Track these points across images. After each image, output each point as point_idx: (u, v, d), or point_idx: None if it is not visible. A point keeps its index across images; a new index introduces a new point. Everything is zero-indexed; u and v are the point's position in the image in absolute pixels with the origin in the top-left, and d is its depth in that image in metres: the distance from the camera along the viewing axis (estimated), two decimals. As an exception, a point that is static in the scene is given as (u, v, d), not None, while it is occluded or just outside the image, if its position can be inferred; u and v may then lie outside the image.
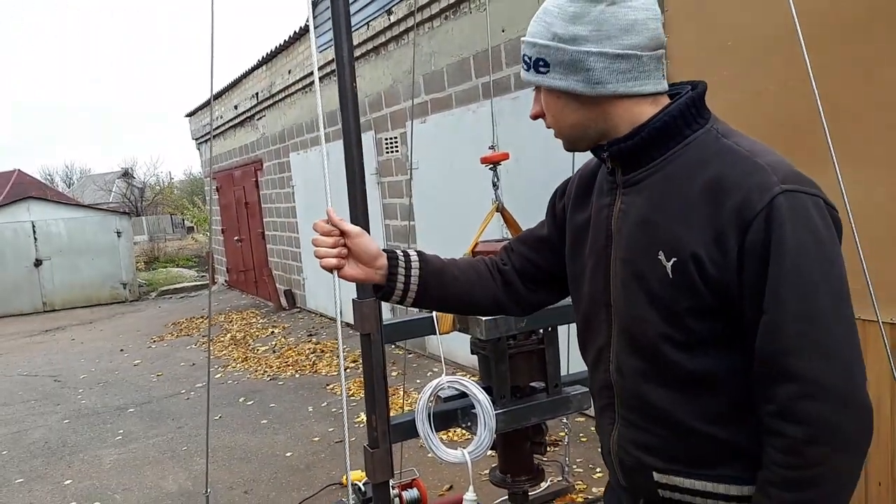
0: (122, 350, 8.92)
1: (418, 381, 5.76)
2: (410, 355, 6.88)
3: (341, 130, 2.05)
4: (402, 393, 5.17)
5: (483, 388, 2.17)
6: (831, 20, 2.53)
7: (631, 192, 1.17)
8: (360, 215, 2.01)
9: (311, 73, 8.44)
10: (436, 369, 6.14)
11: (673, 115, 1.12)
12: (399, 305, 1.43)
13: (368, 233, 1.39)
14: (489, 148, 2.37)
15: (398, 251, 1.40)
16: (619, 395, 1.22)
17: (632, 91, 1.13)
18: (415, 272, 1.37)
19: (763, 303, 1.01)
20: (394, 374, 6.01)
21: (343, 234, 1.30)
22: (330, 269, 1.31)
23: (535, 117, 1.25)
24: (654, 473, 1.18)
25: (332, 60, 1.99)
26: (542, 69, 1.16)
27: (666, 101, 1.15)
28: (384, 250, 1.37)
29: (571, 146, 1.23)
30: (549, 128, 1.24)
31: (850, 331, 1.02)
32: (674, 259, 1.08)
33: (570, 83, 1.14)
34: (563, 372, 2.27)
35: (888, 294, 2.41)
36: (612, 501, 1.40)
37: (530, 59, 1.17)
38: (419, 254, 1.41)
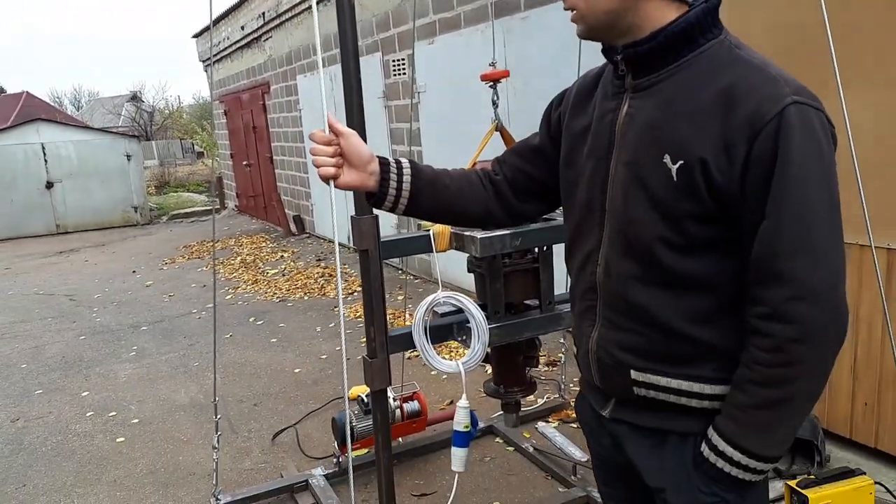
0: (134, 272, 9.09)
1: (423, 303, 5.87)
2: (416, 280, 6.98)
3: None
4: (406, 316, 5.28)
5: (479, 305, 2.22)
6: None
7: (640, 97, 1.17)
8: (356, 129, 2.01)
9: (318, -8, 8.22)
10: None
11: (691, 21, 1.12)
12: (391, 213, 1.45)
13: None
14: (489, 65, 2.35)
15: (390, 158, 1.41)
16: (604, 297, 1.26)
17: None
18: (406, 178, 1.39)
19: (765, 208, 1.05)
20: (399, 297, 6.12)
21: (337, 134, 1.32)
22: (327, 179, 1.33)
23: None
24: (632, 371, 1.23)
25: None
26: None
27: (685, 10, 1.15)
28: (377, 157, 1.38)
29: (591, 33, 1.20)
30: (569, 8, 1.19)
31: (840, 240, 1.07)
32: (680, 162, 1.09)
33: None
34: (558, 292, 2.31)
35: (882, 219, 2.41)
36: (584, 408, 1.45)
37: None
38: (411, 162, 1.43)
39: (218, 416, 2.87)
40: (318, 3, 8.52)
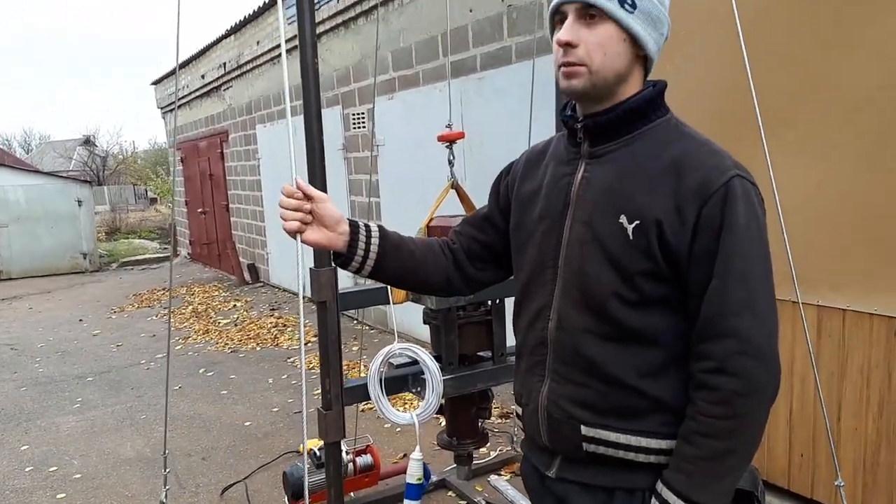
0: (81, 320, 8.84)
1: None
2: (372, 331, 6.97)
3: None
4: (362, 367, 5.27)
5: (434, 356, 2.28)
6: (772, 16, 2.66)
7: (595, 163, 1.27)
8: (318, 186, 2.07)
9: (279, 46, 8.38)
10: (396, 344, 6.23)
11: (646, 98, 1.24)
12: (356, 275, 1.49)
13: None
14: (446, 126, 2.46)
15: (360, 221, 1.46)
16: (556, 351, 1.30)
17: (651, 70, 1.26)
18: (374, 241, 1.44)
19: (713, 269, 1.14)
20: (354, 348, 6.10)
21: (308, 198, 1.35)
22: (293, 233, 1.35)
23: (567, 44, 1.19)
24: (583, 427, 1.27)
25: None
26: (628, 6, 1.18)
27: (641, 89, 1.26)
28: (348, 219, 1.42)
29: (591, 90, 1.22)
30: (575, 64, 1.20)
31: (774, 298, 1.18)
32: (636, 222, 1.18)
33: (648, 35, 1.21)
34: (509, 343, 2.39)
35: (811, 277, 2.57)
36: (528, 471, 1.48)
37: None
38: (379, 227, 1.47)
39: (166, 470, 2.82)
40: (286, 53, 8.67)
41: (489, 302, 2.30)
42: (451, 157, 2.44)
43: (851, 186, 2.51)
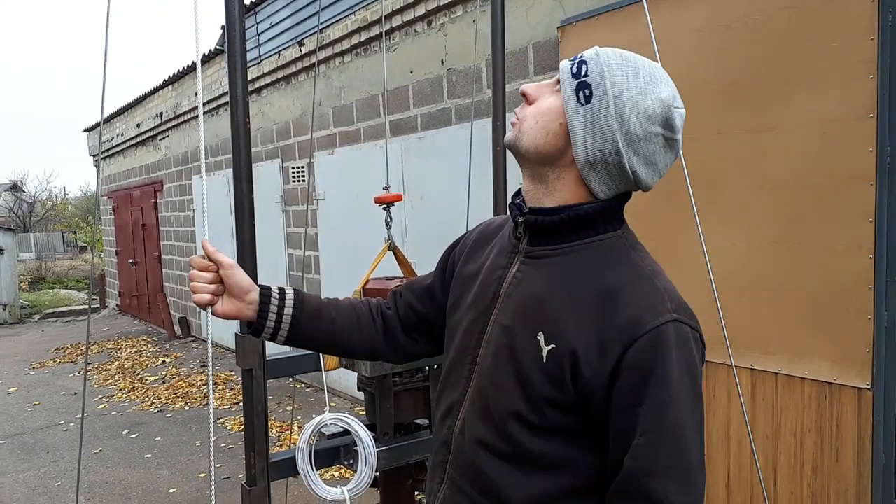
0: (-6, 377, 8.32)
1: (314, 415, 5.67)
2: (308, 389, 6.76)
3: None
4: (295, 428, 5.08)
5: (368, 425, 2.19)
6: (699, 91, 2.77)
7: (530, 264, 1.16)
8: (246, 253, 2.00)
9: (220, 96, 8.30)
10: (333, 404, 6.07)
11: (597, 208, 1.12)
12: (273, 342, 1.40)
13: (272, 262, 1.35)
14: (383, 188, 2.43)
15: (274, 287, 1.37)
16: (455, 457, 1.20)
17: (603, 195, 1.14)
18: (287, 310, 1.35)
19: (638, 423, 1.02)
20: (288, 408, 5.89)
21: (217, 265, 1.29)
22: (204, 305, 1.29)
23: (523, 94, 1.16)
24: None
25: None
26: (582, 97, 1.09)
27: (593, 199, 1.14)
28: (259, 285, 1.35)
29: (513, 150, 1.16)
30: (518, 119, 1.16)
31: (703, 455, 1.08)
32: (552, 346, 1.07)
33: (581, 134, 1.09)
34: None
35: (743, 341, 2.62)
36: None
37: (579, 71, 1.10)
38: (296, 292, 1.38)
39: (76, 550, 2.60)
40: (213, 110, 8.57)
41: (426, 367, 2.24)
42: (389, 219, 2.41)
43: (777, 256, 2.59)
